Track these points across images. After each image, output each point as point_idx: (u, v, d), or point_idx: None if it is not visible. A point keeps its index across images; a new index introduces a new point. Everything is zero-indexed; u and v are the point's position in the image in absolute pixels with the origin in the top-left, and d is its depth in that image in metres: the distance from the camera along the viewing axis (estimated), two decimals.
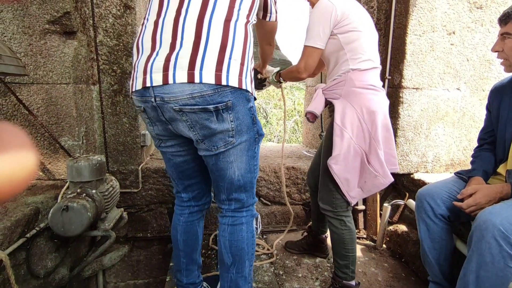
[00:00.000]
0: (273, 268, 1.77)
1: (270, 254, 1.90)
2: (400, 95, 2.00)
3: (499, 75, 2.09)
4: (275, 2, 1.30)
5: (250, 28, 1.08)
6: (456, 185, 1.38)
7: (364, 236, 2.16)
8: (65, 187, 1.62)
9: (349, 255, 1.46)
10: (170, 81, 0.96)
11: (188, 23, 0.98)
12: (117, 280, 2.11)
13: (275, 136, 6.41)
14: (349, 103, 1.35)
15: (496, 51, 1.27)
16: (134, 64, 1.07)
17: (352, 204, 1.46)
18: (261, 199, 2.24)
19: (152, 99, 1.01)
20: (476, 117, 2.12)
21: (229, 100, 1.00)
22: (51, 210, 1.40)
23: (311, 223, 1.91)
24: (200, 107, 0.98)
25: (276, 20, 1.35)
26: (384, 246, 2.06)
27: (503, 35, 1.23)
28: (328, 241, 1.89)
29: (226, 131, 1.04)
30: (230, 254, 1.19)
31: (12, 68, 1.38)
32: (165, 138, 1.18)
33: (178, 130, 1.09)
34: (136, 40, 1.09)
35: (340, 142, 1.35)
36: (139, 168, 2.04)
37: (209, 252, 1.92)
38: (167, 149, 1.21)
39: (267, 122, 6.95)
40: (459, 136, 2.13)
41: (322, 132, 2.50)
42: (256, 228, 1.19)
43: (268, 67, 1.69)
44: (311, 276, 1.71)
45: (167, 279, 1.66)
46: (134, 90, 1.05)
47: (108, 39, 1.89)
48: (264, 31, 1.40)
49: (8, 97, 1.68)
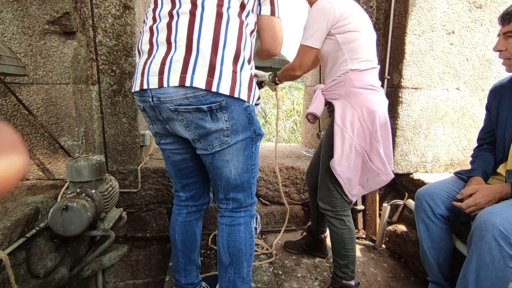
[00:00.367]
0: (272, 268, 1.77)
1: (269, 254, 1.90)
2: (400, 95, 2.00)
3: (499, 75, 2.09)
4: None
5: (245, 27, 1.07)
6: (455, 185, 1.38)
7: (363, 236, 2.16)
8: (64, 187, 1.62)
9: (348, 254, 1.46)
10: (165, 84, 0.99)
11: (180, 25, 1.00)
12: (116, 279, 2.11)
13: (274, 136, 6.43)
14: (349, 104, 1.35)
15: (498, 50, 1.25)
16: (136, 65, 1.12)
17: (353, 202, 1.46)
18: (260, 199, 2.24)
19: (150, 99, 1.05)
20: (475, 117, 2.12)
21: (223, 100, 1.00)
22: (51, 210, 1.40)
23: (310, 223, 1.91)
24: (194, 107, 1.00)
25: (274, 14, 1.14)
26: (383, 246, 2.06)
27: (506, 34, 1.21)
28: (327, 241, 1.89)
29: (221, 130, 1.05)
30: (228, 254, 1.19)
31: (12, 69, 1.38)
32: (164, 136, 1.20)
33: (175, 130, 1.11)
34: (137, 44, 1.14)
35: (341, 142, 1.35)
36: (139, 168, 2.04)
37: (208, 252, 1.92)
38: (166, 146, 1.23)
39: (266, 122, 6.95)
40: (458, 136, 2.13)
41: (320, 131, 2.51)
42: (256, 228, 1.19)
43: (259, 72, 1.68)
44: (310, 276, 1.71)
45: (166, 279, 1.66)
46: (133, 91, 1.10)
47: (108, 39, 1.89)
48: (260, 28, 1.17)
49: (8, 97, 1.69)
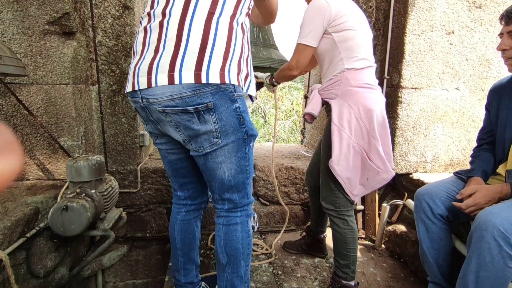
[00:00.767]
0: (271, 268, 1.77)
1: (268, 254, 1.90)
2: (399, 95, 2.00)
3: (499, 74, 2.09)
4: None
5: (238, 24, 1.06)
6: (455, 185, 1.38)
7: (363, 236, 2.16)
8: (64, 187, 1.63)
9: (350, 254, 1.46)
10: (153, 84, 0.99)
11: (170, 25, 1.00)
12: (116, 279, 2.11)
13: (273, 136, 6.42)
14: (345, 103, 1.35)
15: (502, 50, 1.23)
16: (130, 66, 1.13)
17: (355, 202, 1.46)
18: (259, 199, 2.24)
19: (140, 100, 1.05)
20: (475, 117, 2.12)
21: (209, 102, 0.99)
22: (51, 210, 1.40)
23: (309, 223, 1.91)
24: (180, 108, 1.00)
25: None
26: (383, 246, 2.06)
27: (510, 33, 1.20)
28: (327, 241, 1.89)
29: (210, 132, 1.04)
30: (225, 254, 1.20)
31: (12, 69, 1.38)
32: (159, 136, 1.21)
33: (166, 131, 1.12)
34: (133, 44, 1.15)
35: (339, 142, 1.35)
36: (138, 168, 2.04)
37: (208, 252, 1.92)
38: (161, 146, 1.23)
39: (265, 122, 6.94)
40: (458, 136, 2.13)
41: (304, 128, 2.63)
42: (253, 227, 1.19)
43: (258, 73, 1.68)
44: (310, 276, 1.71)
45: (166, 279, 1.66)
46: (126, 91, 1.11)
47: (107, 40, 1.89)
48: (264, 12, 1.29)
49: (8, 97, 1.69)
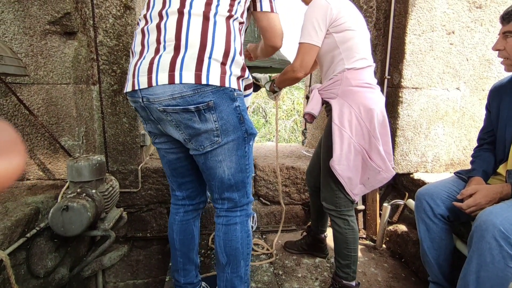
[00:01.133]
0: (272, 268, 1.77)
1: (269, 254, 1.90)
2: (400, 94, 2.00)
3: (499, 74, 2.09)
4: None
5: (235, 24, 1.07)
6: (455, 185, 1.38)
7: (364, 236, 2.16)
8: (65, 187, 1.63)
9: (351, 255, 1.46)
10: (154, 83, 0.99)
11: (168, 26, 1.01)
12: (116, 280, 2.11)
13: (274, 136, 6.44)
14: (346, 102, 1.35)
15: (497, 50, 1.26)
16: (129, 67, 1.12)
17: (356, 201, 1.46)
18: (260, 199, 2.24)
19: (140, 100, 1.05)
20: (476, 116, 2.12)
21: (210, 100, 1.00)
22: (51, 210, 1.40)
23: (310, 223, 1.91)
24: (181, 107, 1.00)
25: (272, 10, 1.14)
26: (383, 246, 2.06)
27: (505, 34, 1.22)
28: (328, 240, 1.89)
29: (211, 130, 1.05)
30: (225, 253, 1.19)
31: (13, 69, 1.38)
32: (158, 135, 1.21)
33: (166, 130, 1.12)
34: (131, 46, 1.14)
35: (340, 142, 1.35)
36: (139, 168, 2.05)
37: (208, 252, 1.92)
38: (160, 145, 1.23)
39: (266, 121, 6.95)
40: (458, 136, 2.13)
41: (305, 129, 2.61)
42: (252, 227, 1.19)
43: (258, 75, 1.67)
44: (311, 276, 1.71)
45: (166, 279, 1.66)
46: (125, 91, 1.11)
47: (108, 40, 1.89)
48: (260, 27, 1.19)
49: (9, 97, 1.69)
